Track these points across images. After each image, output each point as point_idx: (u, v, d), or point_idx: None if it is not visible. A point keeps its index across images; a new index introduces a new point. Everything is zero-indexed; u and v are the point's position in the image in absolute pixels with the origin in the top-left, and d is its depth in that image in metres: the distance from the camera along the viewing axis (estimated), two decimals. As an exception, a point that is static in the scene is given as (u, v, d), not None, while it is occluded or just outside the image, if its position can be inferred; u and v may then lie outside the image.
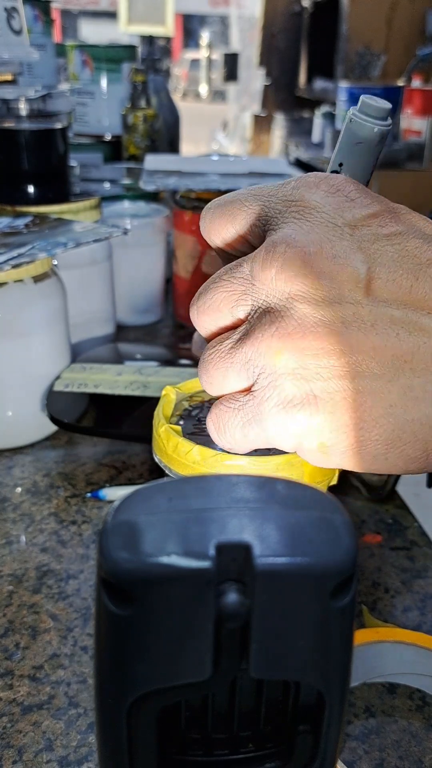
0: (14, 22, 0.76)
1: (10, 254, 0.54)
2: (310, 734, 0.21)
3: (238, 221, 0.28)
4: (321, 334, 0.25)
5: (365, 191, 0.27)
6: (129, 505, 0.18)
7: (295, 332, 0.25)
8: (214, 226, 0.29)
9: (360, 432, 0.25)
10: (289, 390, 0.26)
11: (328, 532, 0.18)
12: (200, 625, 0.17)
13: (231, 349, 0.27)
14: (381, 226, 0.26)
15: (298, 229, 0.26)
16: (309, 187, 0.27)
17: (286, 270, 0.25)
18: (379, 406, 0.25)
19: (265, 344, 0.26)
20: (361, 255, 0.26)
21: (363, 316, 0.25)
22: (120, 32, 2.12)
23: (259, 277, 0.26)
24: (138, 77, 1.10)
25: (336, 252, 0.25)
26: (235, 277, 0.27)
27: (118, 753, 0.20)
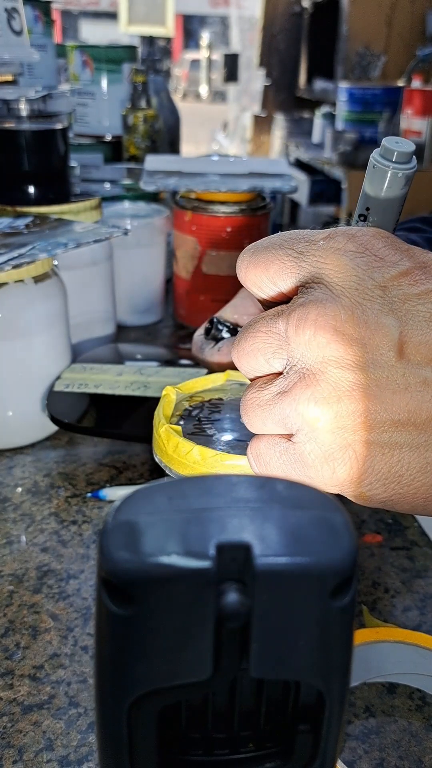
0: (14, 23, 0.76)
1: (11, 254, 0.55)
2: (310, 734, 0.21)
3: (271, 273, 0.29)
4: (356, 397, 0.26)
5: (394, 246, 0.28)
6: (129, 505, 0.18)
7: (331, 396, 0.26)
8: (249, 275, 0.30)
9: (399, 486, 0.27)
10: (330, 446, 0.27)
11: (328, 532, 0.18)
12: (200, 625, 0.17)
13: (269, 401, 0.28)
14: (411, 285, 0.27)
15: (329, 293, 0.27)
16: (338, 247, 0.28)
17: (319, 337, 0.26)
18: (416, 462, 0.27)
19: (303, 407, 0.27)
20: (393, 318, 0.26)
21: (396, 380, 0.26)
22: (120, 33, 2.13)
23: (294, 339, 0.27)
24: (138, 78, 1.10)
25: (368, 317, 0.26)
26: (271, 331, 0.28)
27: (119, 752, 0.20)
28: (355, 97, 2.48)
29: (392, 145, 0.29)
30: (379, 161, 0.29)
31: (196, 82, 12.35)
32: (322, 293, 0.27)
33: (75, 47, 1.17)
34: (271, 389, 0.28)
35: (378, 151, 0.30)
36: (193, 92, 12.55)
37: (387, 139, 0.30)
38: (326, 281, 0.27)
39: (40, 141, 0.71)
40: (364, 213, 0.31)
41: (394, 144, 0.29)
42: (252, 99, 4.50)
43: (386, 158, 0.29)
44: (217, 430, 0.39)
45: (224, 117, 6.77)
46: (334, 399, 0.26)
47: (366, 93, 2.47)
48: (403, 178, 0.29)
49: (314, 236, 0.29)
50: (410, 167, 0.30)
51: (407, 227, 0.72)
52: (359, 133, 2.44)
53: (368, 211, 0.31)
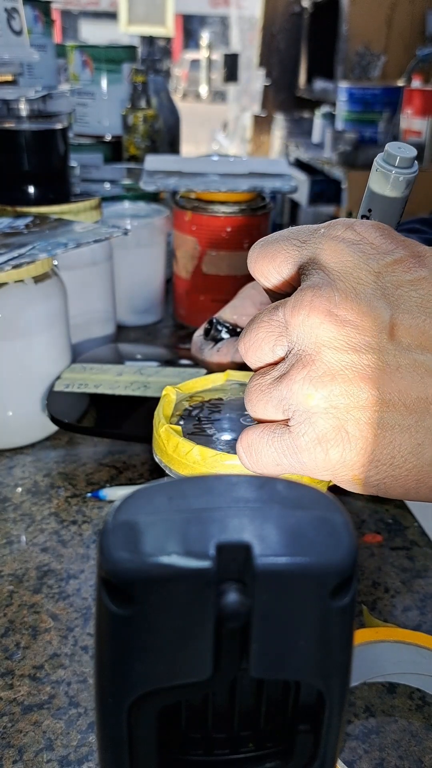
0: (14, 23, 0.76)
1: (11, 254, 0.55)
2: (310, 734, 0.21)
3: (277, 263, 0.30)
4: (349, 377, 0.27)
5: (390, 236, 0.29)
6: (129, 505, 0.18)
7: (325, 376, 0.27)
8: (257, 266, 0.31)
9: (391, 468, 0.27)
10: (323, 427, 0.27)
11: (328, 532, 0.18)
12: (200, 625, 0.17)
13: (270, 386, 0.29)
14: (405, 272, 0.28)
15: (325, 277, 0.28)
16: (336, 235, 0.29)
17: (313, 318, 0.27)
18: (407, 444, 0.27)
19: (297, 386, 0.28)
20: (385, 302, 0.27)
21: (388, 361, 0.27)
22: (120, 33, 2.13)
23: (290, 323, 0.28)
24: (138, 78, 1.10)
25: (360, 300, 0.27)
26: (273, 319, 0.29)
27: (119, 752, 0.20)
28: (355, 97, 2.48)
29: (395, 150, 0.30)
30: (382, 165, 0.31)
31: (196, 82, 12.35)
32: (318, 277, 0.28)
33: (75, 47, 1.17)
34: (272, 373, 0.29)
35: (381, 155, 0.31)
36: (193, 92, 12.55)
37: (390, 144, 0.31)
38: (322, 265, 0.28)
39: (40, 141, 0.71)
40: (366, 214, 0.33)
41: (397, 149, 0.31)
42: (252, 99, 4.50)
43: (389, 162, 0.31)
44: (217, 430, 0.39)
45: (224, 117, 6.77)
46: (327, 378, 0.27)
47: (366, 93, 2.47)
48: (404, 181, 0.31)
49: (317, 226, 0.30)
50: (412, 171, 0.31)
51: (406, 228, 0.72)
52: (359, 133, 2.44)
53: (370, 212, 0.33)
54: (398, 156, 0.30)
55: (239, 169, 0.84)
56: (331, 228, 0.29)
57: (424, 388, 0.27)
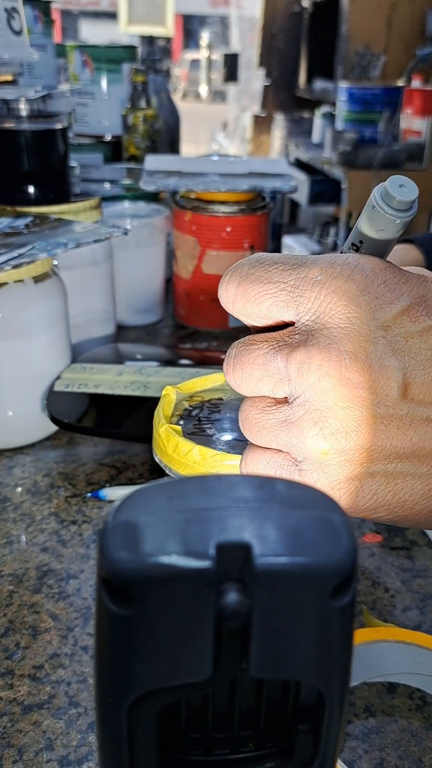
0: (14, 23, 0.76)
1: (11, 254, 0.55)
2: (310, 734, 0.21)
3: (264, 307, 0.28)
4: (362, 433, 0.27)
5: (393, 280, 0.27)
6: (129, 505, 0.18)
7: (338, 432, 0.27)
8: (237, 307, 0.29)
9: (402, 510, 0.28)
10: (336, 476, 0.27)
11: (328, 531, 0.18)
12: (200, 625, 0.17)
13: (275, 427, 0.28)
14: (413, 322, 0.27)
15: (332, 338, 0.27)
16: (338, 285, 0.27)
17: (324, 382, 0.26)
18: (419, 489, 0.28)
19: (311, 441, 0.27)
20: (396, 360, 0.27)
21: (401, 417, 0.27)
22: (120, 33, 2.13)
23: (296, 380, 0.27)
24: (138, 78, 1.10)
25: (371, 360, 0.26)
26: (270, 365, 0.28)
27: (119, 752, 0.20)
28: (354, 96, 2.48)
29: (395, 191, 0.28)
30: (380, 206, 0.28)
31: (196, 82, 12.35)
32: (324, 337, 0.27)
33: (75, 47, 1.17)
34: (276, 416, 0.28)
35: (380, 191, 0.29)
36: (193, 92, 12.55)
37: (391, 180, 0.28)
38: (328, 324, 0.27)
39: (40, 141, 0.71)
40: (357, 244, 0.30)
41: (397, 189, 0.28)
42: (252, 99, 4.50)
43: (386, 203, 0.28)
44: (217, 430, 0.39)
45: (224, 117, 6.77)
46: (341, 435, 0.27)
47: (366, 93, 2.47)
48: (400, 224, 0.29)
49: (304, 268, 0.28)
50: (409, 215, 0.29)
51: None
52: (359, 133, 2.44)
53: (361, 244, 0.30)
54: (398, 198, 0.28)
55: (239, 169, 0.84)
56: (330, 277, 0.27)
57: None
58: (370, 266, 0.28)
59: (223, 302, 0.30)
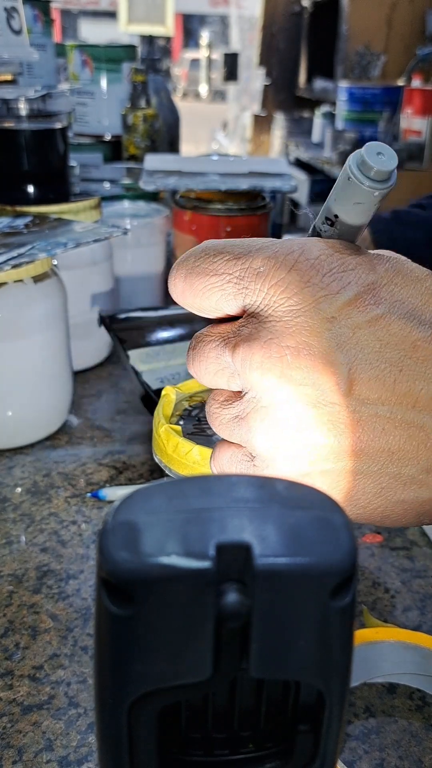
0: (14, 22, 0.76)
1: (10, 254, 0.54)
2: (310, 734, 0.21)
3: (213, 301, 0.28)
4: (308, 431, 0.26)
5: (340, 267, 0.26)
6: (129, 505, 0.18)
7: (285, 429, 0.26)
8: (187, 300, 0.28)
9: (356, 508, 0.28)
10: (287, 472, 0.27)
11: (328, 532, 0.18)
12: (200, 625, 0.17)
13: (230, 422, 0.28)
14: (360, 312, 0.26)
15: (274, 332, 0.26)
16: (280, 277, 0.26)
17: (266, 380, 0.26)
18: (371, 488, 0.27)
19: (259, 437, 0.27)
20: (341, 354, 0.25)
21: (347, 415, 0.26)
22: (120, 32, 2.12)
23: (242, 375, 0.27)
24: (138, 77, 1.10)
25: (315, 356, 0.25)
26: (221, 359, 0.28)
27: (119, 753, 0.20)
28: (354, 96, 2.48)
29: (372, 160, 0.25)
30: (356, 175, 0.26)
31: (196, 81, 12.35)
32: (267, 332, 0.26)
33: (74, 47, 1.17)
34: (231, 411, 0.28)
35: (356, 159, 0.26)
36: (193, 92, 12.55)
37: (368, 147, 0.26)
38: (271, 317, 0.26)
39: (40, 141, 0.71)
40: (332, 219, 0.28)
41: (375, 157, 0.25)
42: (252, 98, 4.50)
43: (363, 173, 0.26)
44: (217, 429, 0.39)
45: (224, 116, 6.77)
46: (289, 432, 0.26)
47: (366, 92, 2.47)
48: (378, 197, 0.26)
49: (248, 257, 0.27)
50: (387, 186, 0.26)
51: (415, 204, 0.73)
52: (359, 133, 2.44)
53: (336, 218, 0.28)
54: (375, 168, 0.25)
55: (239, 169, 0.84)
56: (273, 268, 0.26)
57: (385, 438, 0.26)
58: (316, 254, 0.26)
59: (174, 297, 0.29)
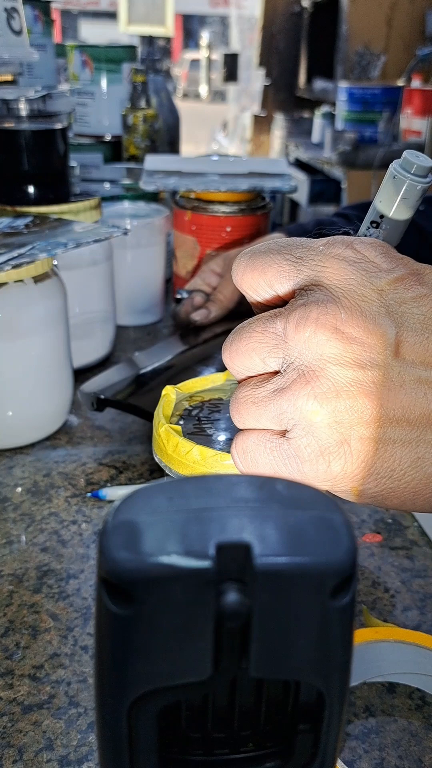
0: (14, 23, 0.76)
1: (11, 254, 0.55)
2: (310, 733, 0.21)
3: (268, 277, 0.30)
4: (354, 393, 0.27)
5: (389, 255, 0.29)
6: (129, 504, 0.18)
7: (330, 392, 0.27)
8: (245, 279, 0.31)
9: (390, 480, 0.28)
10: (326, 441, 0.28)
11: (327, 531, 0.18)
12: (200, 625, 0.17)
13: (266, 398, 0.29)
14: (407, 289, 0.28)
15: (330, 294, 0.28)
16: (337, 253, 0.29)
17: (319, 334, 0.27)
18: (407, 457, 0.27)
19: (302, 402, 0.28)
20: (389, 320, 0.27)
21: (392, 377, 0.27)
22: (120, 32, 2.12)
23: (293, 338, 0.28)
24: (138, 77, 1.10)
25: (366, 318, 0.27)
26: (268, 330, 0.29)
27: (119, 752, 0.20)
28: (354, 96, 2.48)
29: (413, 158, 0.31)
30: (400, 172, 0.31)
31: (196, 81, 12.34)
32: (323, 294, 0.28)
33: (74, 47, 1.17)
34: (267, 386, 0.29)
35: (398, 162, 0.32)
36: (193, 92, 12.55)
37: (408, 152, 0.32)
38: (326, 284, 0.28)
39: (40, 141, 0.71)
40: (377, 220, 0.33)
41: (415, 157, 0.31)
42: (252, 99, 4.50)
43: (406, 169, 0.31)
44: (217, 429, 0.39)
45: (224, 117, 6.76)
46: (332, 395, 0.27)
47: (366, 93, 2.47)
48: (420, 190, 0.31)
49: (312, 243, 0.30)
50: (428, 181, 0.32)
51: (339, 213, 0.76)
52: (359, 133, 2.44)
53: (382, 219, 0.33)
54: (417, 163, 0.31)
55: (239, 169, 0.84)
56: (331, 246, 0.29)
57: (427, 403, 0.27)
58: (369, 241, 0.29)
59: (234, 276, 0.31)
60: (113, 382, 0.62)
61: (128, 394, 0.60)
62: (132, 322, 0.86)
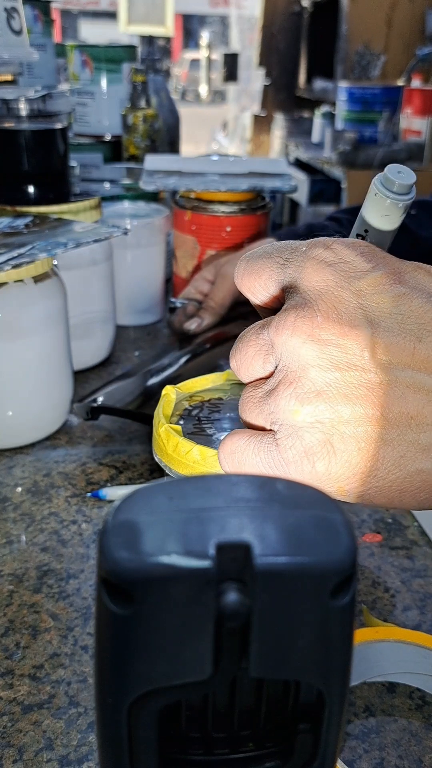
0: (14, 23, 0.76)
1: (11, 254, 0.55)
2: (310, 733, 0.21)
3: (263, 281, 0.31)
4: (333, 395, 0.28)
5: (369, 254, 0.29)
6: (129, 504, 0.18)
7: (310, 393, 0.28)
8: (244, 282, 0.32)
9: (374, 479, 0.28)
10: (309, 441, 0.28)
11: (327, 531, 0.18)
12: (200, 625, 0.17)
13: (260, 399, 0.30)
14: (386, 289, 0.28)
15: (307, 298, 0.29)
16: (316, 255, 0.29)
17: (295, 338, 0.28)
18: (390, 456, 0.28)
19: (284, 402, 0.28)
20: (366, 321, 0.28)
21: (370, 379, 0.27)
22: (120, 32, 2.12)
23: (275, 342, 0.29)
24: (138, 77, 1.10)
25: (342, 319, 0.28)
26: (260, 338, 0.30)
27: (119, 752, 0.20)
28: (354, 96, 2.48)
29: (394, 176, 0.31)
30: (381, 190, 0.31)
31: (196, 81, 12.34)
32: (300, 298, 0.29)
33: (74, 47, 1.17)
34: (263, 387, 0.30)
35: (380, 178, 0.31)
36: (193, 92, 12.55)
37: (389, 168, 0.31)
38: (304, 286, 0.29)
39: (40, 141, 0.71)
40: (362, 234, 0.33)
41: (396, 174, 0.31)
42: (251, 99, 4.50)
43: (387, 188, 0.31)
44: (217, 429, 0.39)
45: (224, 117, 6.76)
46: (312, 395, 0.28)
47: (366, 92, 2.47)
48: (402, 207, 0.31)
49: (298, 245, 0.31)
50: (409, 198, 0.31)
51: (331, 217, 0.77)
52: (359, 133, 2.44)
53: (366, 233, 0.32)
54: (397, 182, 0.31)
55: (239, 169, 0.84)
56: (311, 248, 0.30)
57: (404, 403, 0.27)
58: (349, 242, 0.30)
59: (235, 281, 0.32)
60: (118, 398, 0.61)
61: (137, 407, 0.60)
62: (132, 322, 0.86)
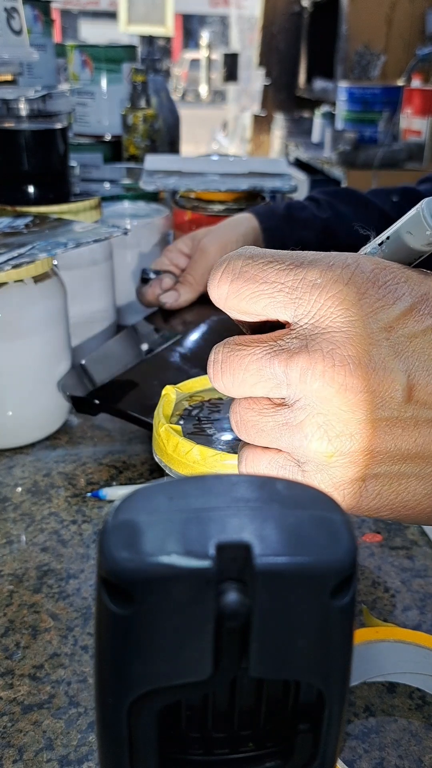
0: (14, 23, 0.76)
1: (11, 254, 0.54)
2: (310, 733, 0.21)
3: (260, 306, 0.28)
4: (367, 436, 0.27)
5: (394, 280, 0.27)
6: (129, 504, 0.18)
7: (343, 435, 0.26)
8: (230, 304, 0.28)
9: (405, 509, 0.28)
10: (341, 478, 0.27)
11: (327, 531, 0.18)
12: (200, 625, 0.17)
13: (274, 429, 0.28)
14: (417, 322, 0.27)
15: (336, 343, 0.26)
16: (338, 290, 0.27)
17: (327, 388, 0.26)
18: (422, 490, 0.28)
19: (316, 445, 0.27)
20: (399, 362, 0.26)
21: (406, 420, 0.27)
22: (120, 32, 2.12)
23: (298, 386, 0.27)
24: (138, 77, 1.10)
25: (375, 364, 0.26)
26: (266, 370, 0.27)
27: (119, 752, 0.20)
28: (354, 96, 2.48)
29: None
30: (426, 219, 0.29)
31: (196, 81, 12.34)
32: (327, 342, 0.26)
33: (74, 47, 1.17)
34: (276, 418, 0.28)
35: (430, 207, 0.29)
36: (193, 92, 12.55)
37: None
38: (329, 328, 0.26)
39: (40, 141, 0.71)
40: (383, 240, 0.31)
41: None
42: (252, 99, 4.49)
43: None
44: (217, 429, 0.39)
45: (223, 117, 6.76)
46: (345, 438, 0.26)
47: (366, 92, 2.47)
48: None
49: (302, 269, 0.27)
50: None
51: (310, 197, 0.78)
52: (359, 133, 2.44)
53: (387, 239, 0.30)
54: None
55: (239, 169, 0.84)
56: (330, 281, 0.27)
57: None
58: (370, 268, 0.27)
59: (215, 299, 0.29)
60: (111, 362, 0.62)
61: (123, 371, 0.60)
62: (132, 322, 0.86)
